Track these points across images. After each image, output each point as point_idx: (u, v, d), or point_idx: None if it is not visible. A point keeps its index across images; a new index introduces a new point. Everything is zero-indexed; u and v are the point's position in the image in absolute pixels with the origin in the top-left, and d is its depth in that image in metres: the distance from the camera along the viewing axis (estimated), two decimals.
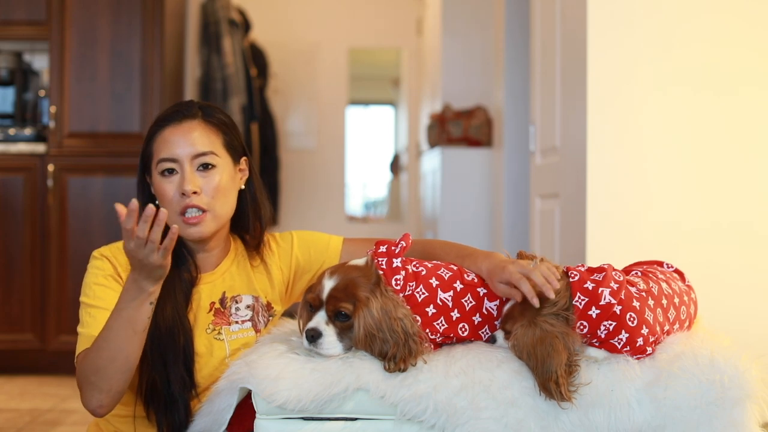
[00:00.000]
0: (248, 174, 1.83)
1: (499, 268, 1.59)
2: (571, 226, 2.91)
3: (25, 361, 3.95)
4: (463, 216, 4.75)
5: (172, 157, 1.71)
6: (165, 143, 1.72)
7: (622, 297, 1.54)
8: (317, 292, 1.57)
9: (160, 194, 1.72)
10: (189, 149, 1.71)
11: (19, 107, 4.19)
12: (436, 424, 1.51)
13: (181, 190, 1.69)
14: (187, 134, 1.72)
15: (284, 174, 6.56)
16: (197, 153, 1.71)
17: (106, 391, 1.58)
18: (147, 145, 1.76)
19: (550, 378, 1.47)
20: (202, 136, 1.73)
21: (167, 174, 1.71)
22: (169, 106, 1.84)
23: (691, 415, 1.49)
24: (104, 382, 1.57)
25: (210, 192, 1.71)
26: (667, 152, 2.73)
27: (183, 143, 1.71)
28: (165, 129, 1.73)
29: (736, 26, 2.73)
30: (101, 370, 1.57)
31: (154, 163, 1.73)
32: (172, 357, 1.68)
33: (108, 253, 1.74)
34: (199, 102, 1.80)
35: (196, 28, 4.86)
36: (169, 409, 1.68)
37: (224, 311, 1.78)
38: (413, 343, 1.51)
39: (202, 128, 1.74)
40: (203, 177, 1.71)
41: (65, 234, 3.91)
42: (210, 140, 1.74)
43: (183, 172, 1.70)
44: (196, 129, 1.73)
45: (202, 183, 1.71)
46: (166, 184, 1.71)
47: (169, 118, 1.75)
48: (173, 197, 1.70)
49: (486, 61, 5.12)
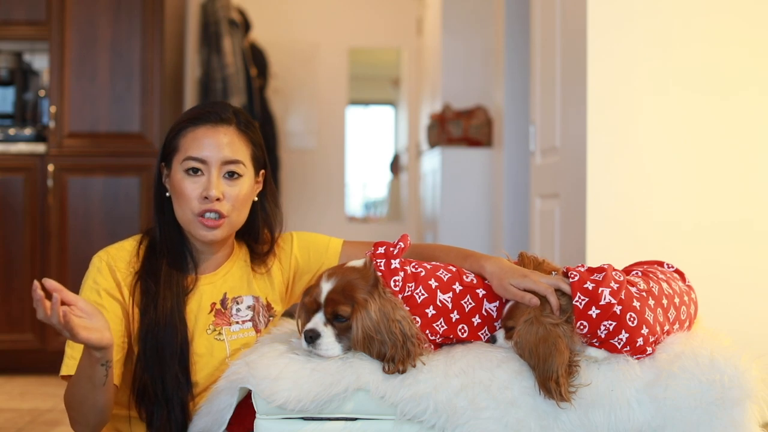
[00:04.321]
0: (262, 186, 1.83)
1: (519, 274, 1.59)
2: (571, 226, 2.91)
3: (26, 361, 3.95)
4: (463, 216, 4.75)
5: (202, 158, 1.70)
6: (195, 142, 1.71)
7: (622, 297, 1.54)
8: (315, 294, 1.57)
9: (178, 190, 1.71)
10: (220, 155, 1.70)
11: (19, 107, 4.19)
12: (436, 424, 1.51)
13: (205, 194, 1.69)
14: (221, 139, 1.71)
15: (284, 174, 6.56)
16: (227, 160, 1.71)
17: (84, 425, 1.63)
18: (173, 138, 1.74)
19: (550, 377, 1.47)
20: (233, 144, 1.73)
21: (191, 173, 1.70)
22: (202, 104, 1.82)
23: (691, 415, 1.49)
24: (80, 417, 1.63)
25: (232, 200, 1.71)
26: (667, 152, 2.73)
27: (215, 147, 1.70)
28: (198, 128, 1.72)
29: (735, 26, 2.73)
30: (75, 409, 1.62)
31: (179, 158, 1.72)
32: (169, 355, 1.68)
33: (110, 259, 1.73)
34: (233, 107, 1.79)
35: (196, 28, 4.86)
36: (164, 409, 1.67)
37: (225, 312, 1.78)
38: (411, 344, 1.51)
39: (236, 136, 1.74)
40: (228, 185, 1.71)
41: (65, 234, 3.91)
42: (241, 150, 1.74)
43: (210, 176, 1.70)
44: (230, 136, 1.73)
45: (226, 190, 1.71)
46: (188, 183, 1.70)
47: (203, 117, 1.73)
48: (194, 197, 1.70)
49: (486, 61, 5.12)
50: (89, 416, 1.61)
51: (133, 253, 1.75)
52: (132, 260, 1.74)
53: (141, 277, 1.72)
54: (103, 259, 1.73)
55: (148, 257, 1.75)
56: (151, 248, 1.77)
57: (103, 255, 1.74)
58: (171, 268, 1.74)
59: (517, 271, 1.61)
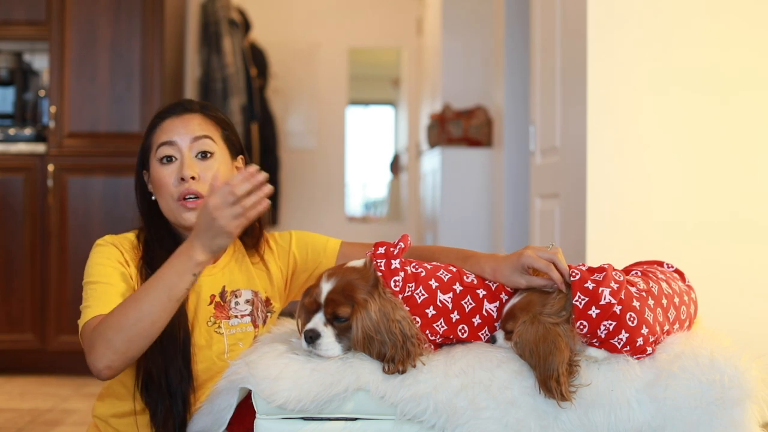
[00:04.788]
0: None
1: (514, 256, 1.60)
2: (571, 226, 2.91)
3: (25, 361, 3.95)
4: (463, 216, 4.75)
5: (172, 141, 1.74)
6: (164, 131, 1.76)
7: (622, 297, 1.54)
8: (315, 294, 1.57)
9: (158, 183, 1.74)
10: (187, 134, 1.74)
11: (19, 107, 4.19)
12: (436, 424, 1.51)
13: (180, 175, 1.72)
14: (187, 123, 1.76)
15: (284, 174, 6.56)
16: (196, 136, 1.74)
17: (121, 353, 1.54)
18: (146, 138, 1.79)
19: (551, 376, 1.47)
20: (201, 124, 1.77)
21: (166, 162, 1.74)
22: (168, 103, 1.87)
23: (691, 415, 1.49)
24: (122, 342, 1.53)
25: (208, 179, 1.73)
26: (667, 152, 2.73)
27: (182, 130, 1.75)
28: (165, 120, 1.78)
29: (735, 26, 2.73)
30: (123, 330, 1.53)
31: (153, 151, 1.76)
32: (171, 350, 1.69)
33: (114, 241, 1.75)
34: (198, 101, 1.85)
35: (196, 28, 4.86)
36: (167, 402, 1.68)
37: (224, 305, 1.79)
38: (411, 345, 1.50)
39: (203, 119, 1.79)
40: (201, 164, 1.74)
41: (65, 234, 3.91)
42: (209, 129, 1.78)
43: (182, 158, 1.73)
44: (197, 119, 1.78)
45: (201, 170, 1.73)
46: (164, 171, 1.73)
47: (169, 110, 1.80)
48: (171, 184, 1.72)
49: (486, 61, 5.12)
50: (135, 340, 1.53)
51: (134, 243, 1.77)
52: (135, 248, 1.76)
53: (144, 264, 1.73)
54: (108, 241, 1.74)
55: (149, 248, 1.76)
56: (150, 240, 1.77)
57: (108, 238, 1.76)
58: None
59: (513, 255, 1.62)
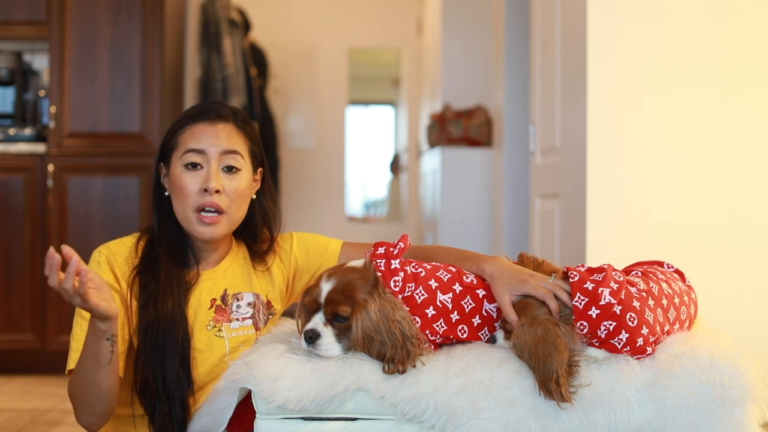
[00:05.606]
0: (260, 185, 1.85)
1: (517, 279, 1.58)
2: (571, 226, 2.91)
3: (25, 361, 3.95)
4: (463, 216, 4.75)
5: (201, 149, 1.72)
6: (194, 135, 1.73)
7: (622, 297, 1.54)
8: (315, 294, 1.57)
9: (177, 187, 1.73)
10: (219, 146, 1.73)
11: (19, 107, 4.19)
12: (436, 424, 1.51)
13: (204, 186, 1.70)
14: (219, 133, 1.74)
15: (284, 174, 6.56)
16: (226, 150, 1.73)
17: (90, 413, 1.63)
18: (172, 136, 1.76)
19: (550, 377, 1.47)
20: (232, 137, 1.75)
21: (191, 168, 1.72)
22: (200, 103, 1.85)
23: (691, 415, 1.49)
24: (86, 406, 1.63)
25: (231, 194, 1.73)
26: (667, 152, 2.73)
27: (213, 139, 1.73)
28: (197, 123, 1.75)
29: (735, 27, 2.73)
30: (80, 396, 1.62)
31: (178, 154, 1.74)
32: (170, 352, 1.69)
33: (109, 254, 1.74)
34: (231, 106, 1.82)
35: (196, 28, 4.86)
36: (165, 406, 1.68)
37: (225, 308, 1.79)
38: (411, 345, 1.50)
39: (234, 131, 1.77)
40: (227, 179, 1.73)
41: (65, 234, 3.91)
42: (239, 143, 1.76)
43: (209, 168, 1.72)
44: (228, 130, 1.76)
45: (225, 184, 1.73)
46: (188, 177, 1.72)
47: (202, 114, 1.76)
48: (193, 192, 1.71)
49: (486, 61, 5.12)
50: (95, 403, 1.61)
51: (132, 249, 1.77)
52: (130, 256, 1.76)
53: (140, 272, 1.74)
54: (103, 254, 1.74)
55: (147, 254, 1.76)
56: (150, 245, 1.78)
57: (103, 250, 1.75)
58: (172, 265, 1.75)
59: (516, 274, 1.60)
